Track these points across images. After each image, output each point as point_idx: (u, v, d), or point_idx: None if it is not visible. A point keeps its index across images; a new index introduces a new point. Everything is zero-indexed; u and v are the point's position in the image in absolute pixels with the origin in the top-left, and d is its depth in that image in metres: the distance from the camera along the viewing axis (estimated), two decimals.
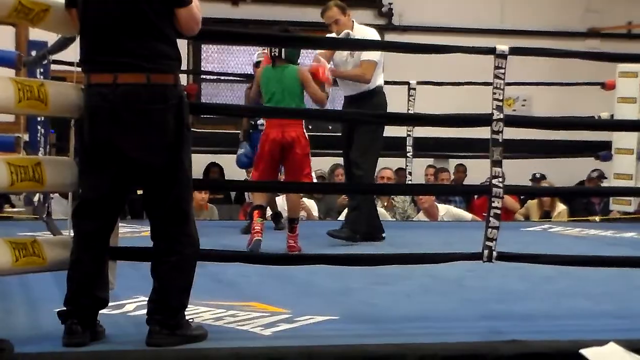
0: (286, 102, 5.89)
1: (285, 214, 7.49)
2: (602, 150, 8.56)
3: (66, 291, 3.44)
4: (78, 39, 3.59)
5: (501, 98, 4.42)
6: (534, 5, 12.41)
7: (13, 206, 9.11)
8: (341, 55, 6.51)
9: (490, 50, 4.43)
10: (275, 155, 5.90)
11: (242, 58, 11.88)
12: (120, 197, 3.55)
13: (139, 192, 3.61)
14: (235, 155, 7.27)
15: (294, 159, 5.90)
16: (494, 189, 4.36)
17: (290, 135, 5.86)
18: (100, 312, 3.49)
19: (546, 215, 9.55)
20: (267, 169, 5.92)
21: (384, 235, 6.61)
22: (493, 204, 4.38)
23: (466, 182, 10.79)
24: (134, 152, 3.40)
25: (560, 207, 9.61)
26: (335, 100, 11.62)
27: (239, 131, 7.45)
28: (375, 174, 9.32)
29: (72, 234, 3.55)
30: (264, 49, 6.76)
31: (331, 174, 9.97)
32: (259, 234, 5.75)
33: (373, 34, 6.58)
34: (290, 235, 5.94)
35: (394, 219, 8.88)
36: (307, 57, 9.09)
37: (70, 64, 4.10)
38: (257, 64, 6.94)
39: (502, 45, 4.46)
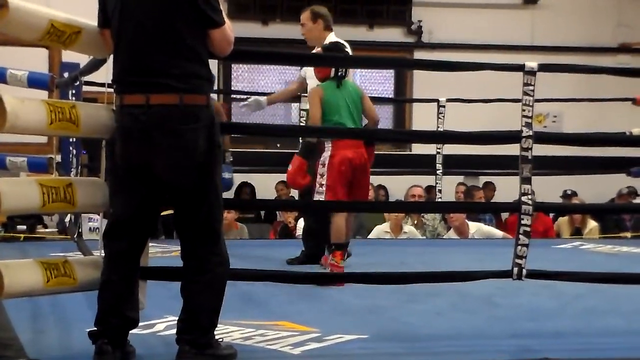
0: (355, 119, 5.66)
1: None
2: (633, 167, 8.51)
3: (97, 311, 3.46)
4: (110, 60, 3.63)
5: (530, 115, 4.41)
6: (565, 22, 12.37)
7: (45, 226, 9.19)
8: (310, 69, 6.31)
9: (519, 67, 4.43)
10: (349, 177, 5.59)
11: (272, 77, 11.93)
12: (151, 217, 3.57)
13: (166, 212, 3.64)
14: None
15: (366, 180, 5.73)
16: (523, 206, 4.35)
17: (364, 156, 5.64)
18: (131, 332, 3.51)
19: (577, 232, 9.50)
20: (345, 191, 5.58)
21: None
22: (522, 221, 4.37)
23: (498, 199, 10.73)
24: (165, 172, 3.42)
25: (592, 224, 9.55)
26: None
27: (268, 150, 7.47)
28: (405, 192, 9.36)
29: (103, 254, 3.58)
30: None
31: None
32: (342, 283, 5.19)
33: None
34: (332, 265, 5.46)
35: (424, 237, 8.86)
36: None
37: (102, 85, 4.15)
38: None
39: (532, 62, 4.46)
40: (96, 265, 3.65)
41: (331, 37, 6.34)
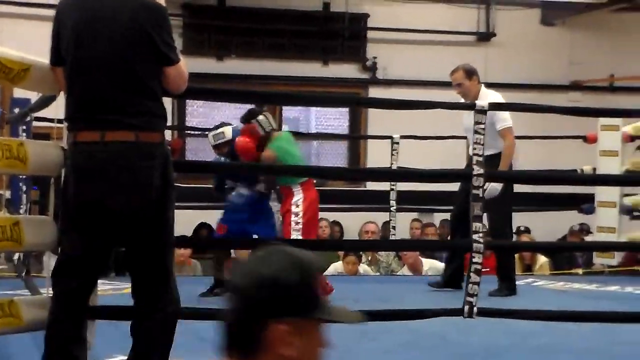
0: None
1: None
2: (585, 203, 8.59)
3: (44, 351, 3.40)
4: (61, 96, 3.59)
5: (481, 153, 4.44)
6: (518, 59, 12.51)
7: None
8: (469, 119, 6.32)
9: (470, 106, 4.47)
10: None
11: (227, 112, 11.90)
12: (103, 256, 3.53)
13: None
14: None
15: None
16: (475, 244, 4.36)
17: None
18: None
19: (528, 268, 9.51)
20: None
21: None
22: (474, 260, 4.38)
23: None
24: (119, 209, 3.37)
25: (542, 260, 9.55)
26: (321, 155, 11.71)
27: None
28: (360, 228, 9.37)
29: (50, 293, 3.53)
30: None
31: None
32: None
33: (499, 98, 6.10)
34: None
35: (378, 274, 8.85)
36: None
37: (52, 120, 4.11)
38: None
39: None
40: (43, 304, 3.59)
41: (485, 91, 6.33)
